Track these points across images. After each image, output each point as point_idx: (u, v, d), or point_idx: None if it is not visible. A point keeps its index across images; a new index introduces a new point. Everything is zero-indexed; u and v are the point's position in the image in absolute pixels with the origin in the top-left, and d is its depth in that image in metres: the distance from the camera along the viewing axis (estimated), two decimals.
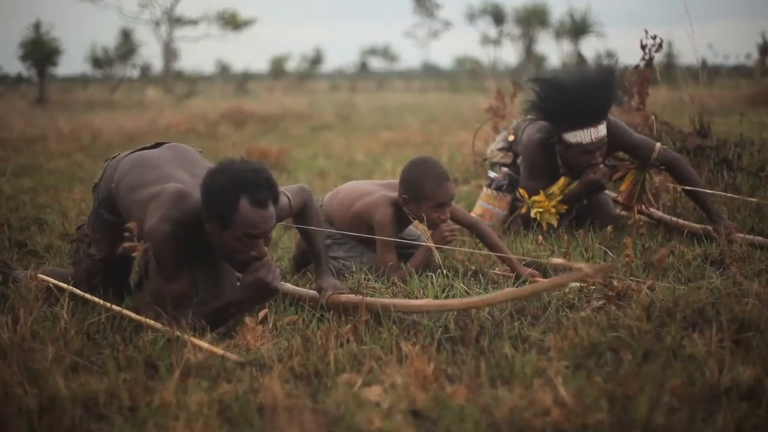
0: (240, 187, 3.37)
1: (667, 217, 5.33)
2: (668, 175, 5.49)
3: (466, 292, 3.96)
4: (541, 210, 5.31)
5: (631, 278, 4.02)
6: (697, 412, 2.52)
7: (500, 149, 6.04)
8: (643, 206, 5.34)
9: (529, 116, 5.59)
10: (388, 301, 3.60)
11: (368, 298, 3.61)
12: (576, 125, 5.09)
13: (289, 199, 3.87)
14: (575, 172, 5.27)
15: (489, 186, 5.84)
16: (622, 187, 5.34)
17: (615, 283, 3.77)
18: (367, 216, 4.46)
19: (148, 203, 3.60)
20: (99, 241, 4.10)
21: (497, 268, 4.51)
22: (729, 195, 5.50)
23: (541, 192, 5.31)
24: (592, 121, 5.06)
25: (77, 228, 4.37)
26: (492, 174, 5.90)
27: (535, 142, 5.40)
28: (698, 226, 5.05)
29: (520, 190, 5.41)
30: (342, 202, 4.65)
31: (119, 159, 4.06)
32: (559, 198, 5.29)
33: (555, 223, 5.30)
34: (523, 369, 2.90)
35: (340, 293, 3.79)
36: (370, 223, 4.42)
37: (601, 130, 5.10)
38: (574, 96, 5.03)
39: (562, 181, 5.32)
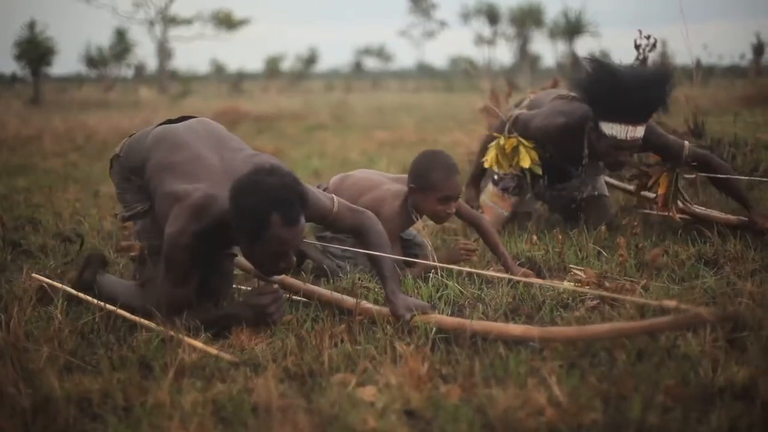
0: (271, 205, 3.24)
1: (703, 211, 5.26)
2: (701, 171, 5.38)
3: (461, 291, 3.96)
4: (492, 158, 5.37)
5: (625, 278, 4.02)
6: (692, 412, 2.52)
7: None
8: (685, 204, 5.28)
9: (566, 95, 5.39)
10: (493, 325, 3.28)
11: (474, 321, 3.32)
12: (616, 118, 4.87)
13: (333, 203, 3.78)
14: (603, 161, 5.17)
15: (496, 184, 5.65)
16: (660, 191, 5.23)
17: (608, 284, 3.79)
18: (374, 210, 4.40)
19: (173, 203, 3.51)
20: (129, 204, 3.95)
21: (492, 268, 4.51)
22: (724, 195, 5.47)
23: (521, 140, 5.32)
24: (633, 120, 4.84)
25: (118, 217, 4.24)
26: (498, 171, 5.66)
27: (557, 125, 5.23)
28: (733, 217, 5.02)
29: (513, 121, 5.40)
30: (350, 191, 4.60)
31: (147, 132, 3.94)
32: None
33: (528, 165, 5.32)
34: (518, 368, 2.90)
35: (424, 312, 3.45)
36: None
37: (639, 131, 4.87)
38: (626, 88, 4.77)
39: (535, 157, 5.33)
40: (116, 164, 4.00)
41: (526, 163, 5.29)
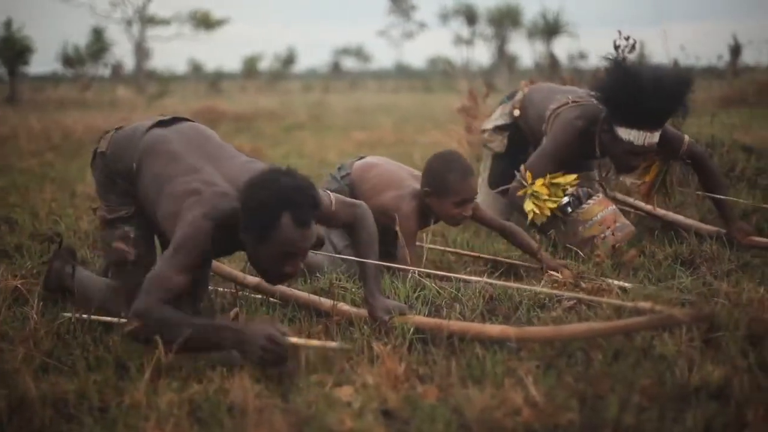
0: (283, 204, 3.17)
1: (683, 220, 5.25)
2: (692, 169, 5.31)
3: (438, 292, 3.95)
4: (536, 206, 4.83)
5: (602, 278, 4.03)
6: (667, 412, 2.54)
7: (499, 127, 5.69)
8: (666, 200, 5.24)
9: (581, 98, 5.12)
10: (470, 325, 3.30)
11: (452, 322, 3.32)
12: (635, 124, 4.69)
13: (331, 201, 3.65)
14: (614, 164, 5.01)
15: (572, 207, 4.93)
16: (646, 179, 5.23)
17: (584, 285, 3.80)
18: (393, 207, 4.37)
19: (187, 197, 3.40)
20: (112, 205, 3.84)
21: (468, 268, 4.51)
22: (712, 195, 5.37)
23: (547, 175, 4.89)
24: (651, 126, 4.69)
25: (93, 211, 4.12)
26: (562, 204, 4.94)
27: (575, 129, 5.00)
28: (712, 228, 5.01)
29: (526, 171, 4.93)
30: (374, 182, 4.56)
31: (138, 134, 3.78)
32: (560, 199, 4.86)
33: (539, 220, 4.88)
34: (494, 369, 2.91)
35: (402, 314, 3.44)
36: (394, 215, 4.33)
37: (656, 137, 4.72)
38: (648, 96, 4.59)
39: (572, 177, 4.90)
40: (100, 160, 3.87)
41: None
